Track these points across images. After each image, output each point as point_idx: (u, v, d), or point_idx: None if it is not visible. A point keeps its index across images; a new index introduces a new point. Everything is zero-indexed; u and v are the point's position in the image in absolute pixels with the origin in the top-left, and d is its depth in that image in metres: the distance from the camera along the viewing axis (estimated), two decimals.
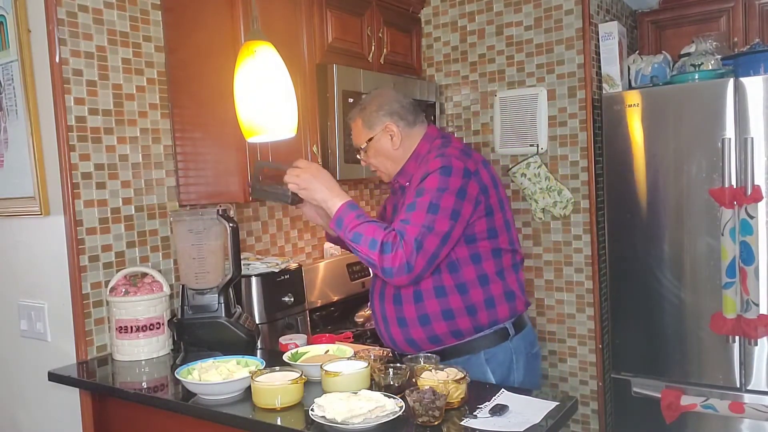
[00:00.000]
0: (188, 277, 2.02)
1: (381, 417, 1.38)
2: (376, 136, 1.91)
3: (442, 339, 1.83)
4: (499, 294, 1.84)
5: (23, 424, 2.19)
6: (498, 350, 1.84)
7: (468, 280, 1.81)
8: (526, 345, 1.90)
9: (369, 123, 1.92)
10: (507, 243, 1.86)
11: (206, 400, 1.61)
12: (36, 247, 2.06)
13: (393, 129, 1.89)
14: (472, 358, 1.83)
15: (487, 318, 1.83)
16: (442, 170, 1.74)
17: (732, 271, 2.38)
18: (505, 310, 1.85)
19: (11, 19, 1.98)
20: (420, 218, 1.70)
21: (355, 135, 1.98)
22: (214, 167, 2.16)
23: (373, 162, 1.96)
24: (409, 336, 1.85)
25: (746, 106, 2.36)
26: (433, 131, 1.95)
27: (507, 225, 1.87)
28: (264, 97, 1.59)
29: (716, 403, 2.44)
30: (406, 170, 1.93)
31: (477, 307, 1.82)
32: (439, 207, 1.71)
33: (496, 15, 2.93)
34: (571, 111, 2.77)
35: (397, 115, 1.91)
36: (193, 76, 2.17)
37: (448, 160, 1.77)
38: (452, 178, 1.74)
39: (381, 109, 1.91)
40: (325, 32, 2.45)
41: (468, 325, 1.82)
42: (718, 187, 2.40)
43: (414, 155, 1.91)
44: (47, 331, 2.05)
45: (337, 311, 2.76)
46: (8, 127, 2.07)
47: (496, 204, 1.83)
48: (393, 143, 1.90)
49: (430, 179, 1.75)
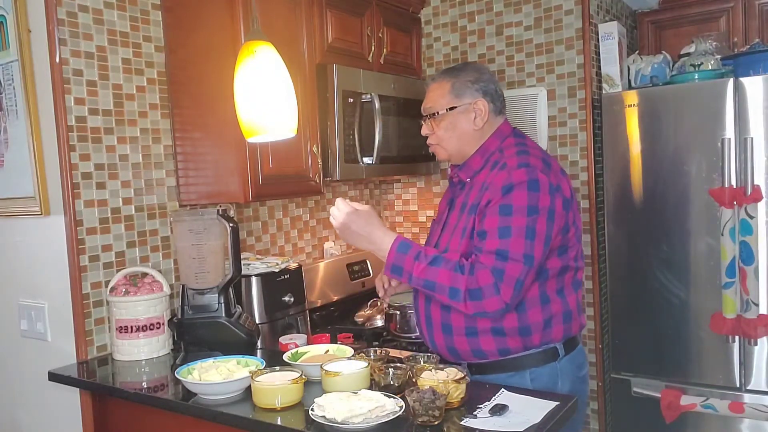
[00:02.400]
0: (188, 277, 2.02)
1: (381, 417, 1.38)
2: (461, 107, 1.75)
3: (486, 354, 1.70)
4: (557, 313, 1.70)
5: (23, 424, 2.19)
6: (544, 370, 1.71)
7: (528, 298, 1.66)
8: (573, 368, 1.76)
9: (459, 91, 1.75)
10: (574, 260, 1.73)
11: (206, 400, 1.61)
12: (36, 247, 2.06)
13: (482, 107, 1.74)
14: (516, 375, 1.70)
15: (540, 339, 1.69)
16: (531, 185, 1.59)
17: (732, 271, 2.38)
18: (559, 332, 1.71)
19: (11, 19, 1.98)
20: (519, 246, 1.56)
21: (435, 97, 1.79)
22: (214, 167, 2.16)
23: (441, 134, 1.78)
24: (452, 345, 1.73)
25: (746, 106, 2.36)
26: (507, 128, 1.80)
27: (578, 239, 1.75)
28: (264, 97, 1.59)
29: (716, 403, 2.44)
30: (469, 165, 1.77)
31: (532, 329, 1.68)
32: (536, 233, 1.57)
33: (496, 15, 2.93)
34: (571, 111, 2.77)
35: (490, 96, 1.76)
36: (193, 76, 2.17)
37: (534, 172, 1.61)
38: (541, 195, 1.59)
39: (477, 83, 1.76)
40: (325, 32, 2.45)
41: (518, 344, 1.69)
42: (718, 187, 2.40)
43: (481, 150, 1.76)
44: (47, 331, 2.05)
45: (337, 311, 2.76)
46: (8, 127, 2.07)
47: (572, 218, 1.69)
48: (475, 123, 1.75)
49: (518, 196, 1.59)
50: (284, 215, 2.76)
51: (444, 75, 1.81)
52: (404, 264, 1.61)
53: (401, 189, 3.36)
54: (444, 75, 1.81)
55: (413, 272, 1.60)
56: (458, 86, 1.76)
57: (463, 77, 1.77)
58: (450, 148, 1.80)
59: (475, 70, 1.80)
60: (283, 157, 2.20)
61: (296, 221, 2.82)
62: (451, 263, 1.59)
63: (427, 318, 1.78)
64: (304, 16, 2.31)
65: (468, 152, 1.78)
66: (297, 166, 2.28)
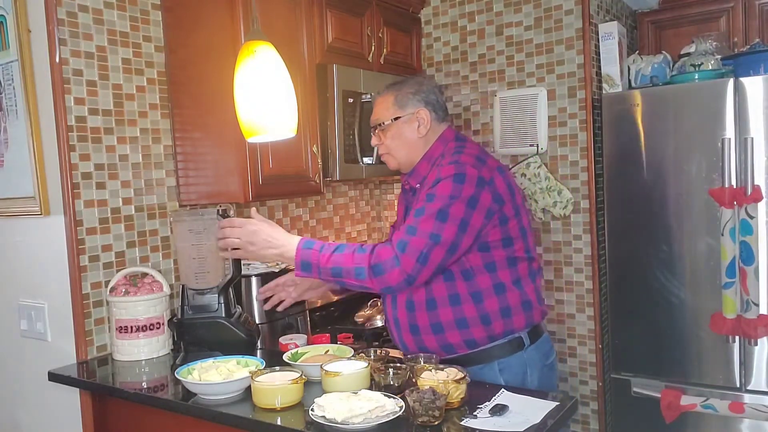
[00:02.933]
0: (188, 277, 2.02)
1: (381, 417, 1.38)
2: (405, 117, 1.86)
3: (455, 347, 1.79)
4: (515, 304, 1.79)
5: (23, 424, 2.19)
6: (512, 360, 1.80)
7: (483, 289, 1.77)
8: (540, 356, 1.85)
9: (401, 102, 1.86)
10: (523, 251, 1.81)
11: (206, 400, 1.61)
12: (36, 247, 2.06)
13: (424, 116, 1.85)
14: (485, 367, 1.79)
15: (502, 327, 1.78)
16: (456, 177, 1.69)
17: (732, 271, 2.38)
18: (521, 320, 1.80)
19: (11, 19, 1.98)
20: (428, 225, 1.65)
21: (381, 110, 1.90)
22: (214, 167, 2.16)
23: (389, 143, 1.89)
24: (422, 344, 1.82)
25: (746, 106, 2.35)
26: (450, 133, 1.90)
27: (523, 232, 1.82)
28: (264, 97, 1.59)
29: (716, 403, 2.44)
30: (417, 171, 1.88)
31: (492, 317, 1.77)
32: (449, 215, 1.66)
33: (496, 15, 2.93)
34: (571, 111, 2.77)
35: (432, 105, 1.86)
36: (193, 76, 2.17)
37: (463, 167, 1.72)
38: (465, 185, 1.68)
39: (418, 93, 1.86)
40: (325, 32, 2.45)
41: (482, 334, 1.78)
42: (718, 187, 2.40)
43: (427, 156, 1.87)
44: (47, 331, 2.05)
45: (337, 311, 2.76)
46: (8, 127, 2.07)
47: (511, 211, 1.77)
48: (419, 131, 1.85)
49: (442, 186, 1.70)
50: (284, 215, 2.76)
51: (388, 89, 1.92)
52: (311, 258, 1.68)
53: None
54: (388, 89, 1.92)
55: (320, 263, 1.67)
56: (401, 98, 1.87)
57: (405, 89, 1.88)
58: (398, 156, 1.90)
59: (416, 82, 1.91)
60: (283, 157, 2.20)
61: (296, 221, 2.82)
62: (354, 246, 1.69)
63: (395, 320, 1.88)
64: (304, 16, 2.31)
65: (415, 159, 1.89)
66: (297, 166, 2.28)
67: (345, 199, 3.14)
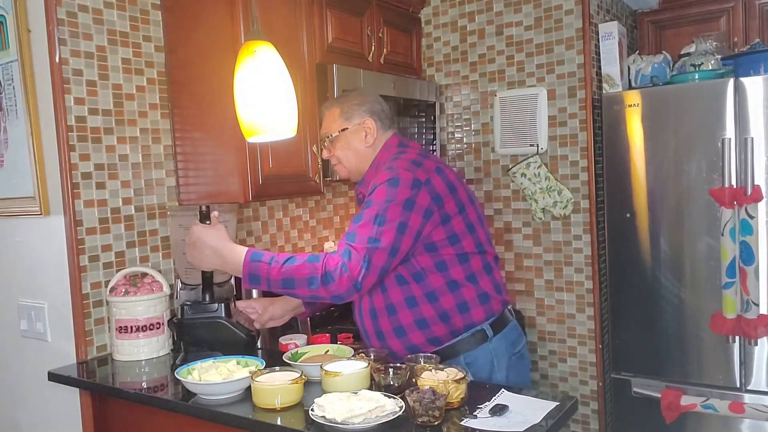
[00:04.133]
0: (180, 271, 2.06)
1: (381, 417, 1.38)
2: (351, 128, 1.90)
3: (419, 348, 1.82)
4: (471, 298, 1.81)
5: (23, 424, 2.19)
6: (478, 353, 1.82)
7: (436, 288, 1.79)
8: (507, 345, 1.86)
9: (347, 114, 1.91)
10: (473, 246, 1.82)
11: (206, 400, 1.61)
12: (36, 247, 2.06)
13: (370, 126, 1.89)
14: (452, 363, 1.77)
15: (462, 322, 1.81)
16: (390, 182, 1.73)
17: (732, 271, 2.38)
18: (480, 313, 1.82)
19: (11, 19, 1.98)
20: (366, 230, 1.67)
21: (328, 123, 1.94)
22: (214, 167, 2.16)
23: (338, 154, 1.93)
24: (388, 348, 1.84)
25: (746, 106, 2.36)
26: (394, 140, 1.93)
27: (470, 227, 1.82)
28: (264, 97, 1.59)
29: (716, 403, 2.44)
30: (366, 180, 1.91)
31: (450, 313, 1.80)
32: (386, 219, 1.68)
33: (496, 15, 2.93)
34: (571, 111, 2.77)
35: (377, 115, 1.91)
36: (193, 76, 2.17)
37: (396, 171, 1.75)
38: (399, 189, 1.71)
39: (363, 105, 1.91)
40: (325, 32, 2.45)
41: (444, 331, 1.80)
42: (718, 187, 2.40)
43: (374, 164, 1.90)
44: (47, 331, 2.05)
45: (337, 311, 2.75)
46: (8, 127, 2.07)
47: (454, 209, 1.78)
48: (366, 140, 1.90)
49: (377, 191, 1.73)
50: (284, 215, 2.76)
51: (333, 102, 1.98)
52: (260, 271, 1.67)
53: None
54: (333, 102, 1.98)
55: (270, 276, 1.66)
56: (346, 110, 1.92)
57: (350, 101, 1.93)
58: (349, 166, 1.94)
59: (360, 94, 1.98)
60: (283, 157, 2.20)
61: (296, 221, 2.82)
62: (305, 256, 1.68)
63: (363, 328, 1.92)
64: (304, 16, 2.31)
65: (364, 168, 1.93)
66: (297, 166, 2.28)
67: (345, 199, 3.14)
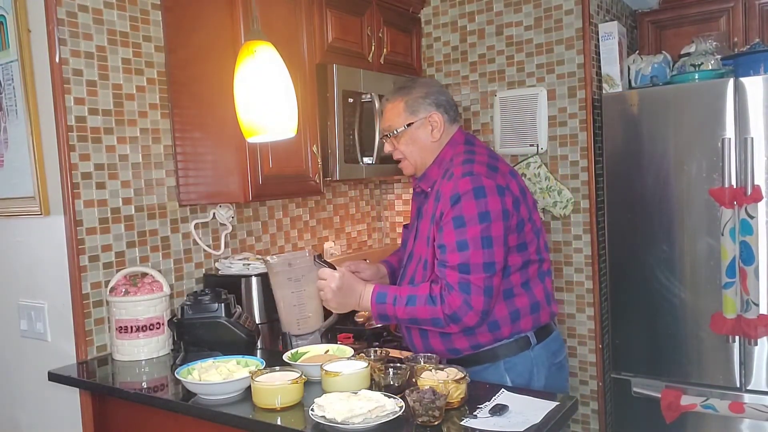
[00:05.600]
0: (290, 324, 2.04)
1: (381, 417, 1.38)
2: (417, 122, 1.82)
3: (460, 351, 1.79)
4: (524, 306, 1.77)
5: (23, 424, 2.19)
6: (518, 359, 1.78)
7: None
8: (548, 355, 1.83)
9: (413, 107, 1.83)
10: (535, 253, 1.79)
11: (206, 400, 1.61)
12: (36, 247, 2.06)
13: (437, 120, 1.82)
14: (491, 367, 1.78)
15: (509, 331, 1.77)
16: (476, 192, 1.66)
17: (732, 271, 2.38)
18: (528, 323, 1.78)
19: (11, 19, 1.98)
20: (478, 257, 1.64)
21: (392, 117, 1.86)
22: (214, 167, 2.16)
23: (403, 149, 1.86)
24: (429, 345, 1.82)
25: (746, 106, 2.35)
26: (459, 136, 1.86)
27: (537, 234, 1.80)
28: (264, 97, 1.59)
29: (716, 403, 2.44)
30: (428, 175, 1.85)
31: (500, 323, 1.75)
32: (491, 239, 1.65)
33: (496, 15, 2.93)
34: (571, 111, 2.77)
35: (443, 107, 1.84)
36: (193, 76, 2.17)
37: (479, 179, 1.68)
38: (489, 199, 1.66)
39: (428, 97, 1.83)
40: (325, 32, 2.45)
41: (488, 338, 1.77)
42: (718, 187, 2.40)
43: (438, 160, 1.84)
44: (47, 331, 2.05)
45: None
46: (8, 127, 2.07)
47: (526, 215, 1.75)
48: (432, 135, 1.82)
49: (466, 206, 1.66)
50: (284, 215, 2.76)
51: (396, 94, 1.88)
52: (387, 311, 1.75)
53: (401, 189, 3.36)
54: (396, 94, 1.88)
55: (397, 315, 1.74)
56: (411, 102, 1.84)
57: (415, 93, 1.84)
58: (414, 161, 1.88)
59: (424, 84, 1.88)
60: (283, 157, 2.20)
61: (296, 221, 2.82)
62: (423, 297, 1.70)
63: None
64: (304, 16, 2.31)
65: (428, 163, 1.87)
66: (297, 166, 2.28)
67: (345, 199, 3.14)
